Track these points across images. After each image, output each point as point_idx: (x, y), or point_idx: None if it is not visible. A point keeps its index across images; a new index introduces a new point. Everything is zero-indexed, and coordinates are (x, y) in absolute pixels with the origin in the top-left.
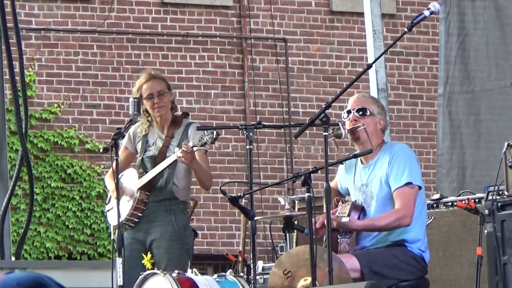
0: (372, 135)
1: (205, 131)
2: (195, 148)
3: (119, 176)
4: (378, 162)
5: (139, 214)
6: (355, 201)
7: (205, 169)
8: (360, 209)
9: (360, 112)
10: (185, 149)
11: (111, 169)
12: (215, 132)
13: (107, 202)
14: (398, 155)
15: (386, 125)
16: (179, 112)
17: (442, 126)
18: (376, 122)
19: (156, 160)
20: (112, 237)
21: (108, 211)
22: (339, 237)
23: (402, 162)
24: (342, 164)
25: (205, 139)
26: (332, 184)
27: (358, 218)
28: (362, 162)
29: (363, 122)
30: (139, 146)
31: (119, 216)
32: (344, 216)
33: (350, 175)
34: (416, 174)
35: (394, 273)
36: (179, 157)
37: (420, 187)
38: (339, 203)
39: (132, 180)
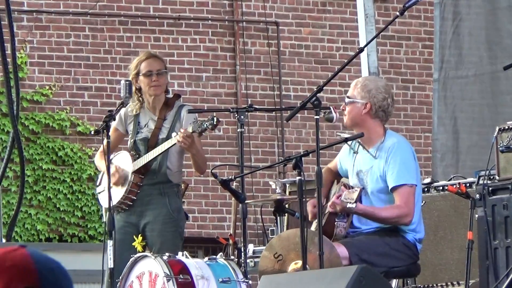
0: (357, 122)
1: (199, 117)
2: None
3: (111, 157)
4: (376, 153)
5: (133, 197)
6: (362, 188)
7: (203, 154)
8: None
9: (346, 100)
10: (185, 134)
11: (100, 150)
12: (215, 118)
13: (97, 184)
14: (395, 153)
15: (377, 107)
16: (170, 95)
17: (437, 111)
18: (358, 108)
19: (149, 142)
20: (104, 220)
21: (99, 193)
22: (336, 220)
23: (399, 161)
24: (348, 144)
25: (205, 125)
26: (331, 165)
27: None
28: (363, 148)
29: (347, 110)
30: (130, 127)
31: (110, 198)
32: (350, 202)
33: (351, 156)
34: (412, 173)
35: (383, 261)
36: (179, 141)
37: (416, 185)
38: (342, 187)
39: (125, 162)
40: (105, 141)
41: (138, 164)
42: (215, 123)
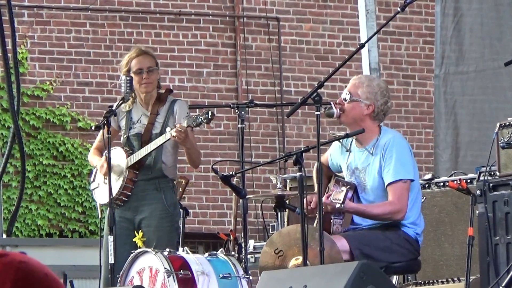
0: (356, 121)
1: (197, 111)
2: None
3: (105, 153)
4: (373, 150)
5: (128, 193)
6: (351, 184)
7: (197, 148)
8: (354, 189)
9: (346, 96)
10: (180, 129)
11: (93, 147)
12: (210, 112)
13: (92, 180)
14: (391, 149)
15: (379, 110)
16: (162, 90)
17: (437, 106)
18: (361, 108)
19: (142, 138)
20: (100, 216)
21: (94, 189)
22: (332, 217)
23: (394, 157)
24: (340, 142)
25: (200, 119)
26: (322, 159)
27: (352, 198)
28: (357, 145)
29: (346, 107)
30: (123, 123)
31: (110, 193)
32: (339, 203)
33: (344, 154)
34: (408, 168)
35: (385, 256)
36: (173, 136)
37: (412, 180)
38: (334, 184)
39: (120, 158)
40: (98, 137)
41: (132, 160)
42: (210, 117)
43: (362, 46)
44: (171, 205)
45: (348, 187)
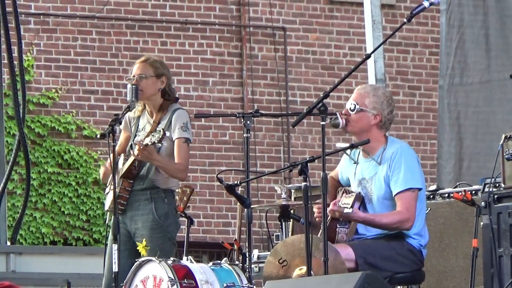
0: (363, 131)
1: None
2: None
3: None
4: (380, 159)
5: (123, 202)
6: (359, 192)
7: (171, 163)
8: (361, 200)
9: (352, 107)
10: (140, 147)
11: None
12: (161, 131)
13: (108, 184)
14: (399, 158)
15: (386, 119)
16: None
17: (441, 117)
18: (368, 118)
19: None
20: (107, 222)
21: (107, 194)
22: (338, 226)
23: (403, 166)
24: (346, 154)
25: (155, 138)
26: (332, 174)
27: (359, 208)
28: (365, 155)
29: (353, 117)
30: (133, 130)
31: (115, 201)
32: (347, 207)
33: (352, 166)
34: (417, 176)
35: (389, 265)
36: (135, 155)
37: (420, 189)
38: (343, 194)
39: (119, 167)
40: (118, 141)
41: (122, 170)
42: (160, 136)
43: (368, 56)
44: (162, 215)
45: (357, 192)
